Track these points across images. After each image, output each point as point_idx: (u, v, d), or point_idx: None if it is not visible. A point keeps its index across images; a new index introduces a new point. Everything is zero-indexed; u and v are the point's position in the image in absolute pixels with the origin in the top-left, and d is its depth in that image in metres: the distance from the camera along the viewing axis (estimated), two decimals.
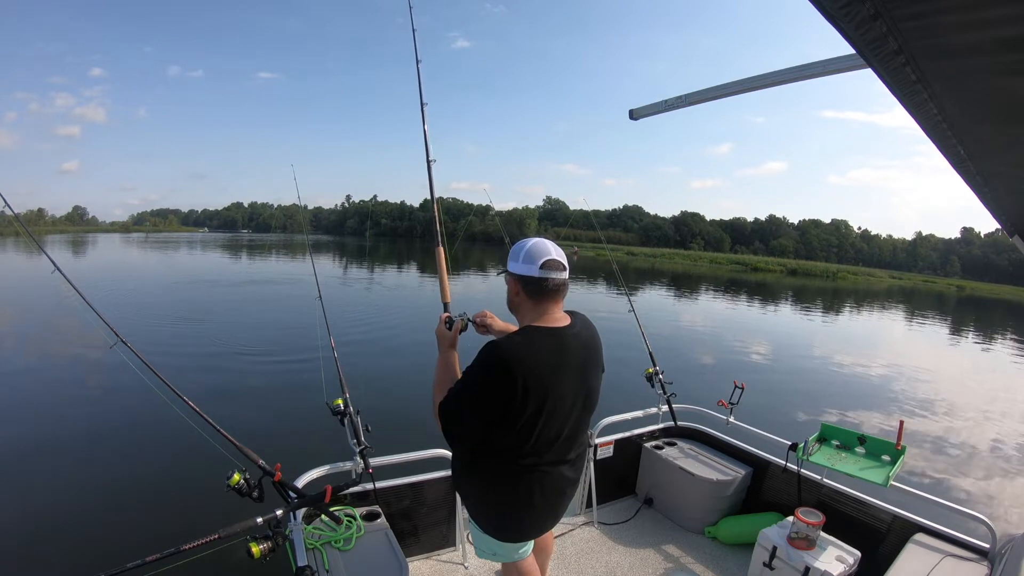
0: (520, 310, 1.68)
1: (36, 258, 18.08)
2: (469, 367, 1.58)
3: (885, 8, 0.56)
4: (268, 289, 19.40)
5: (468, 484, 1.75)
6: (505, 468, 1.62)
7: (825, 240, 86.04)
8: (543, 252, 1.60)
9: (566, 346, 1.61)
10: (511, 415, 1.51)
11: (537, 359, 1.53)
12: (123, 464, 5.00)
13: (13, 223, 2.75)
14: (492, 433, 1.55)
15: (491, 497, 1.69)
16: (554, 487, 1.67)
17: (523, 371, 1.49)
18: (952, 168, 1.00)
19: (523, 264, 1.61)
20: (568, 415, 1.63)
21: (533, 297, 1.63)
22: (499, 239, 3.70)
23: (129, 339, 2.23)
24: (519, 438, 1.56)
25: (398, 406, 6.67)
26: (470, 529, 1.90)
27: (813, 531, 2.43)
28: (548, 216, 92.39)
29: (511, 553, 1.82)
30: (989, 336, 21.05)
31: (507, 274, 1.68)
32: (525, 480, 1.62)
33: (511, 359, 1.50)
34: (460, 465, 1.75)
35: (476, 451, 1.64)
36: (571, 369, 1.61)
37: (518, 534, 1.77)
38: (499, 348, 1.53)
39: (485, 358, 1.53)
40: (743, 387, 3.27)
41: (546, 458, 1.63)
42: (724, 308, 22.39)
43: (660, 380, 3.38)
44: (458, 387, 1.58)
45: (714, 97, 1.69)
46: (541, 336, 1.58)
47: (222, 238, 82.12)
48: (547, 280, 1.59)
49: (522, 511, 1.68)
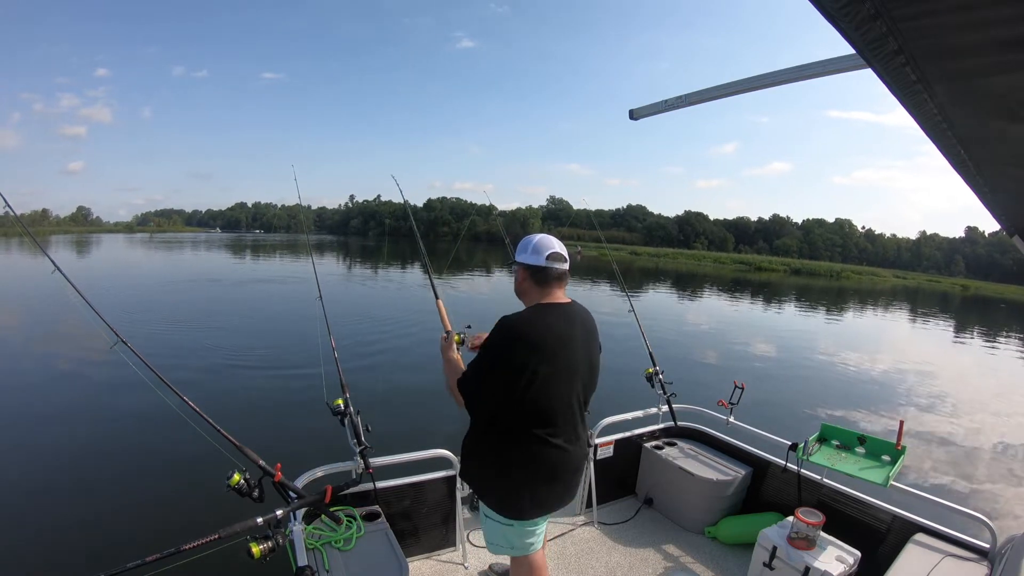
0: (527, 295, 1.89)
1: (38, 258, 18.20)
2: (484, 341, 1.80)
3: (885, 8, 0.55)
4: (269, 289, 19.46)
5: (480, 458, 1.86)
6: (516, 440, 1.75)
7: (829, 240, 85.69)
8: (548, 246, 1.84)
9: (571, 318, 1.83)
10: (519, 379, 1.67)
11: (546, 327, 1.75)
12: (123, 464, 5.02)
13: (15, 224, 2.75)
14: (508, 399, 1.70)
15: (502, 470, 1.79)
16: (551, 460, 1.79)
17: (535, 336, 1.71)
18: (952, 168, 0.99)
19: (531, 255, 1.83)
20: (574, 385, 1.80)
21: (539, 284, 1.84)
22: (503, 239, 3.70)
23: (130, 339, 2.23)
24: (524, 403, 1.70)
25: (398, 406, 6.68)
26: (482, 523, 1.97)
27: (813, 531, 2.43)
28: (552, 216, 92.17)
29: (523, 542, 1.89)
30: (993, 336, 20.95)
31: (516, 264, 1.90)
32: (534, 452, 1.76)
33: (524, 325, 1.74)
34: (473, 441, 1.88)
35: (490, 425, 1.79)
36: (576, 340, 1.81)
37: (523, 511, 1.84)
38: (513, 318, 1.76)
39: (500, 328, 1.74)
40: (743, 387, 3.27)
41: (547, 429, 1.76)
42: (727, 308, 22.35)
43: (660, 380, 3.38)
44: (475, 360, 1.78)
45: (714, 97, 1.68)
46: (548, 309, 1.81)
47: (227, 238, 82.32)
48: (551, 269, 1.82)
49: (531, 485, 1.79)
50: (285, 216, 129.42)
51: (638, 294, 23.76)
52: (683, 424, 3.59)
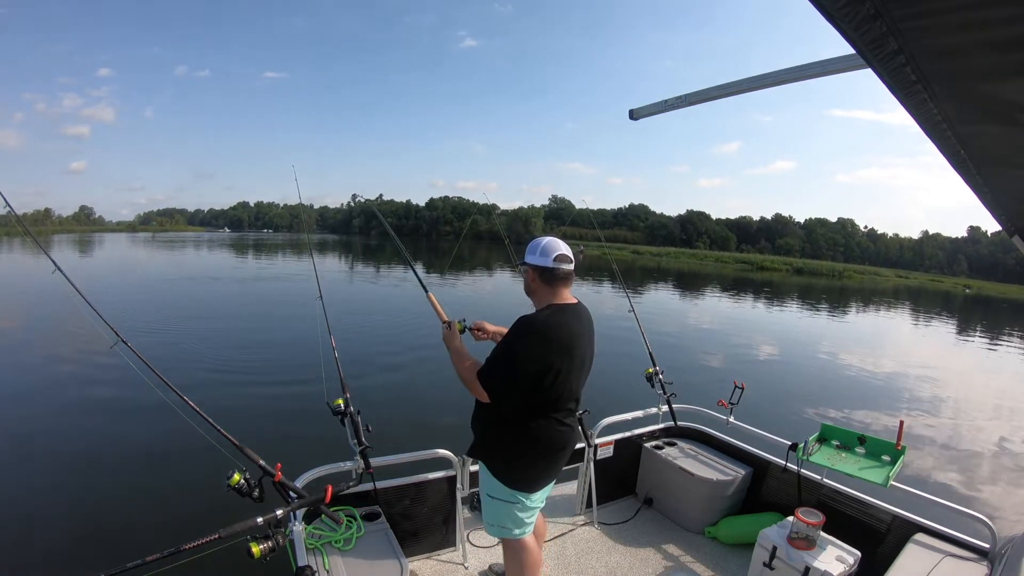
0: (537, 294, 2.04)
1: (39, 258, 18.32)
2: (504, 338, 1.97)
3: (885, 8, 0.55)
4: (270, 288, 19.47)
5: (497, 437, 2.04)
6: (534, 423, 1.95)
7: (831, 239, 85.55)
8: (556, 248, 1.99)
9: (580, 317, 2.01)
10: (545, 375, 1.86)
11: (561, 326, 1.92)
12: (123, 464, 5.03)
13: (16, 224, 2.76)
14: (532, 391, 1.88)
15: (515, 446, 1.99)
16: (563, 438, 2.03)
17: (556, 336, 1.88)
18: (952, 168, 0.99)
19: (540, 257, 1.98)
20: (581, 375, 2.02)
21: (548, 284, 2.00)
22: (504, 238, 3.69)
23: (130, 339, 2.23)
24: (545, 394, 1.90)
25: (398, 406, 6.69)
26: (483, 504, 2.17)
27: (813, 531, 2.43)
28: (554, 215, 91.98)
29: (522, 520, 2.09)
30: (995, 335, 20.90)
31: (525, 265, 2.03)
32: (548, 432, 1.97)
33: (542, 325, 1.91)
34: (488, 423, 2.05)
35: (508, 411, 1.96)
36: (585, 337, 2.00)
37: (529, 483, 2.05)
38: (531, 318, 1.94)
39: (520, 327, 1.91)
40: (743, 387, 3.27)
41: (560, 413, 1.99)
42: (728, 307, 22.33)
43: (660, 380, 3.37)
44: (497, 356, 1.92)
45: (714, 97, 1.68)
46: (561, 310, 1.97)
47: (228, 237, 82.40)
48: (559, 270, 1.97)
49: (537, 458, 2.02)
50: (287, 215, 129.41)
51: (639, 294, 23.73)
52: (683, 424, 3.59)
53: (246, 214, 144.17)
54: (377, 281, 24.05)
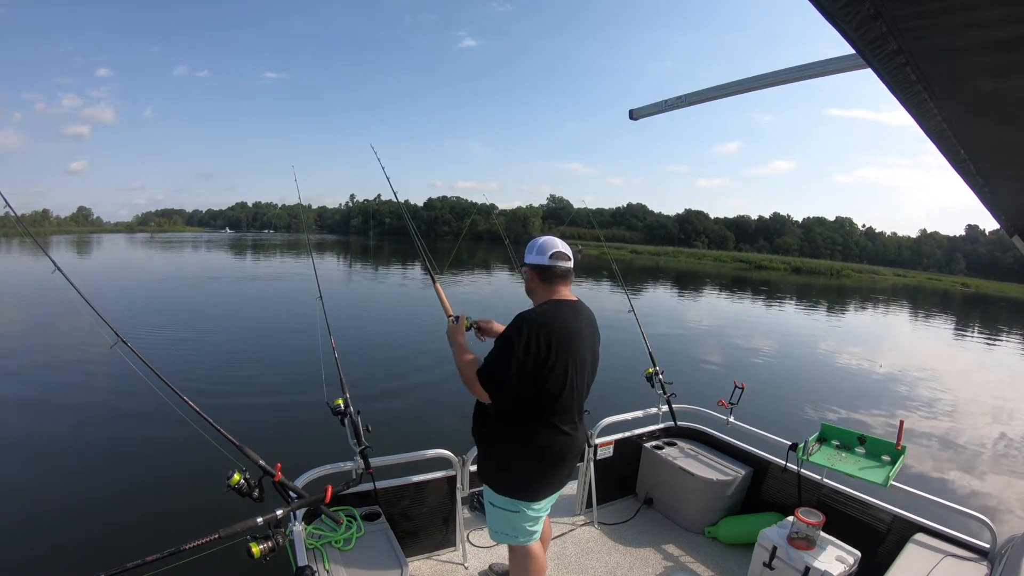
0: (536, 293, 2.02)
1: (38, 258, 18.20)
2: (502, 335, 1.91)
3: (885, 8, 0.55)
4: (269, 288, 19.46)
5: (495, 445, 2.01)
6: (531, 427, 1.91)
7: (829, 238, 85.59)
8: (552, 246, 1.98)
9: (579, 314, 1.98)
10: (542, 369, 1.82)
11: (559, 322, 1.88)
12: (123, 464, 5.03)
13: (16, 224, 2.76)
14: (529, 389, 1.84)
15: (518, 456, 1.94)
16: (562, 446, 1.96)
17: (553, 329, 1.84)
18: (952, 168, 0.99)
19: (536, 256, 1.98)
20: (582, 375, 1.95)
21: (546, 282, 1.98)
22: (504, 238, 3.68)
23: (129, 338, 2.23)
24: (544, 392, 1.86)
25: (398, 406, 6.69)
26: (487, 512, 2.11)
27: (813, 531, 2.43)
28: (552, 215, 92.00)
29: (526, 528, 2.03)
30: (994, 334, 20.93)
31: (524, 266, 2.02)
32: (547, 439, 1.92)
33: (540, 320, 1.86)
34: (487, 428, 2.01)
35: (506, 414, 1.92)
36: (584, 333, 1.96)
37: (531, 492, 2.00)
38: (529, 314, 1.89)
39: (518, 323, 1.87)
40: (743, 387, 3.27)
41: (559, 417, 1.93)
42: (727, 306, 22.34)
43: (660, 380, 3.37)
44: (495, 352, 1.88)
45: (714, 97, 1.68)
46: (559, 306, 1.95)
47: (228, 238, 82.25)
48: (555, 267, 1.96)
49: (535, 468, 1.96)
50: (285, 216, 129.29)
51: (638, 293, 23.74)
52: (683, 424, 3.59)
53: (245, 214, 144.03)
54: (377, 281, 24.04)
